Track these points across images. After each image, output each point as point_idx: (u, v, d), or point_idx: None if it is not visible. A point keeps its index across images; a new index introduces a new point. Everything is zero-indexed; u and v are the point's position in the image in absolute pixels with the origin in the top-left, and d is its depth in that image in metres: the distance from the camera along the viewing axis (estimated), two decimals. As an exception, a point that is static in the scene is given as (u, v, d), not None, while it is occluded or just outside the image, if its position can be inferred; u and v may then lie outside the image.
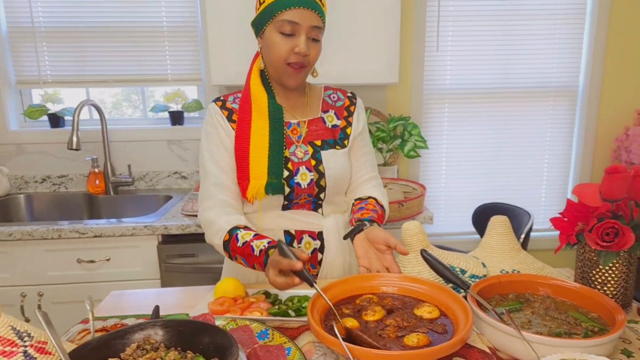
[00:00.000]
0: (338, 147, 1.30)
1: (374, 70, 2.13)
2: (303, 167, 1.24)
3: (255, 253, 1.09)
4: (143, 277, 1.93)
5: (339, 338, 0.77)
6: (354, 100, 1.37)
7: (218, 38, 2.03)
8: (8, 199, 2.34)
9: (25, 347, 0.69)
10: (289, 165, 1.23)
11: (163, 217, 1.98)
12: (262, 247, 1.09)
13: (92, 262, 1.90)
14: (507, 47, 2.51)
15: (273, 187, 1.20)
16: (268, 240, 1.10)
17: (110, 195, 2.40)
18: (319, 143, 1.28)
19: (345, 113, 1.34)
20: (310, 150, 1.27)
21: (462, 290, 0.99)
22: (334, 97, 1.36)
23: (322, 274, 1.29)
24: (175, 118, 2.48)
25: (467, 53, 2.51)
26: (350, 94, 1.38)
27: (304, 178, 1.24)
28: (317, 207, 1.30)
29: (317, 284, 0.93)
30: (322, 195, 1.28)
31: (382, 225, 1.23)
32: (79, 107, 2.15)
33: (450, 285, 1.02)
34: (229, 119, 1.26)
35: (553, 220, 1.07)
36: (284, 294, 1.11)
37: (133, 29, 2.39)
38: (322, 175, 1.25)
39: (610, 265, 1.00)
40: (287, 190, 1.23)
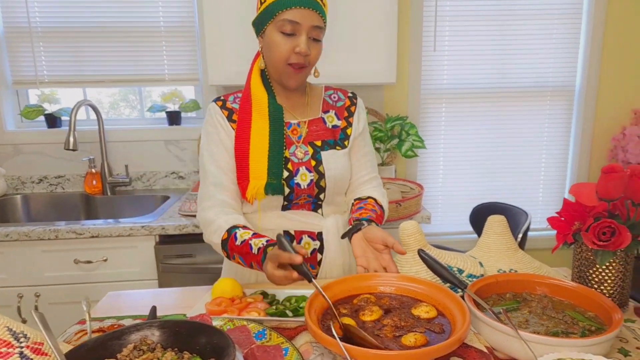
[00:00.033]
0: (338, 147, 1.30)
1: (372, 70, 2.13)
2: (303, 167, 1.24)
3: (254, 251, 1.09)
4: (140, 277, 1.93)
5: (336, 338, 0.77)
6: (355, 101, 1.36)
7: (215, 38, 2.03)
8: (5, 200, 2.33)
9: (22, 348, 0.69)
10: (289, 166, 1.23)
11: (160, 217, 1.98)
12: (260, 245, 1.09)
13: (89, 262, 1.89)
14: (504, 46, 2.52)
15: (273, 187, 1.20)
16: (267, 239, 1.10)
17: (108, 196, 2.40)
18: (319, 143, 1.28)
19: (346, 113, 1.34)
20: (310, 151, 1.26)
21: (459, 290, 0.99)
22: (335, 97, 1.36)
23: (321, 275, 1.29)
24: (173, 118, 2.48)
25: (464, 53, 2.51)
26: (351, 94, 1.37)
27: (304, 179, 1.24)
28: (316, 207, 1.30)
29: (314, 281, 0.93)
30: (322, 196, 1.28)
31: (380, 225, 1.23)
32: (76, 107, 2.15)
33: (448, 285, 1.02)
34: (229, 119, 1.25)
35: (550, 220, 1.07)
36: (282, 294, 1.11)
37: (130, 29, 2.38)
38: (322, 176, 1.25)
39: (607, 265, 1.00)
40: (286, 191, 1.22)
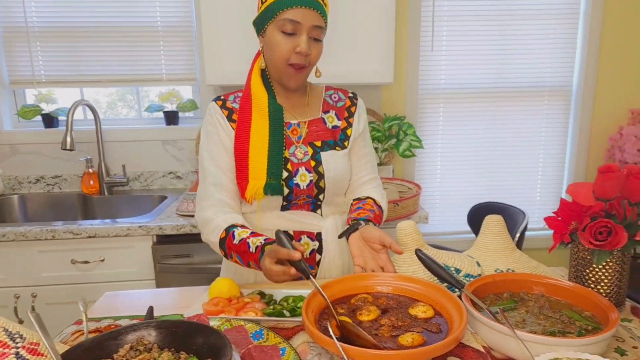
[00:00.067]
0: (338, 148, 1.29)
1: (369, 70, 2.13)
2: (302, 168, 1.24)
3: (251, 249, 1.09)
4: (138, 277, 1.92)
5: (333, 338, 0.77)
6: (355, 101, 1.36)
7: (213, 38, 2.02)
8: (1, 200, 2.32)
9: (17, 348, 0.69)
10: (289, 166, 1.23)
11: (158, 217, 1.98)
12: (258, 243, 1.09)
13: (86, 262, 1.89)
14: (501, 46, 2.52)
15: (272, 187, 1.19)
16: (264, 238, 1.10)
17: (105, 196, 2.39)
18: (319, 144, 1.28)
19: (346, 114, 1.33)
20: (310, 151, 1.26)
21: (456, 290, 0.99)
22: (335, 97, 1.35)
23: (320, 275, 1.29)
24: (170, 118, 2.47)
25: (461, 53, 2.51)
26: (352, 94, 1.37)
27: (303, 179, 1.24)
28: (316, 208, 1.30)
29: (312, 278, 0.93)
30: (321, 197, 1.27)
31: (378, 226, 1.23)
32: (73, 107, 2.14)
33: (445, 285, 1.02)
34: (229, 119, 1.25)
35: (547, 220, 1.07)
36: (279, 295, 1.10)
37: (127, 29, 2.38)
38: (321, 177, 1.25)
39: (604, 264, 1.01)
40: (286, 191, 1.22)
